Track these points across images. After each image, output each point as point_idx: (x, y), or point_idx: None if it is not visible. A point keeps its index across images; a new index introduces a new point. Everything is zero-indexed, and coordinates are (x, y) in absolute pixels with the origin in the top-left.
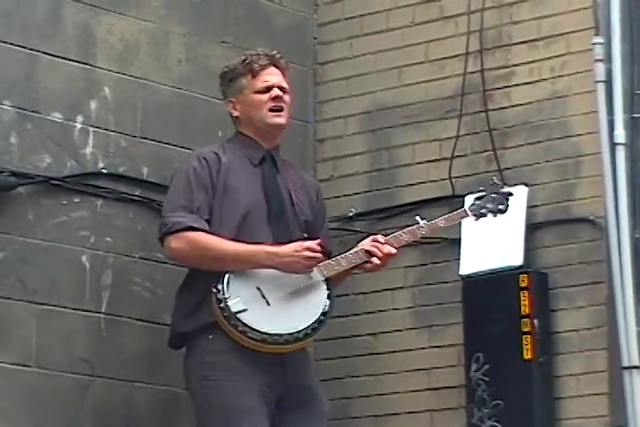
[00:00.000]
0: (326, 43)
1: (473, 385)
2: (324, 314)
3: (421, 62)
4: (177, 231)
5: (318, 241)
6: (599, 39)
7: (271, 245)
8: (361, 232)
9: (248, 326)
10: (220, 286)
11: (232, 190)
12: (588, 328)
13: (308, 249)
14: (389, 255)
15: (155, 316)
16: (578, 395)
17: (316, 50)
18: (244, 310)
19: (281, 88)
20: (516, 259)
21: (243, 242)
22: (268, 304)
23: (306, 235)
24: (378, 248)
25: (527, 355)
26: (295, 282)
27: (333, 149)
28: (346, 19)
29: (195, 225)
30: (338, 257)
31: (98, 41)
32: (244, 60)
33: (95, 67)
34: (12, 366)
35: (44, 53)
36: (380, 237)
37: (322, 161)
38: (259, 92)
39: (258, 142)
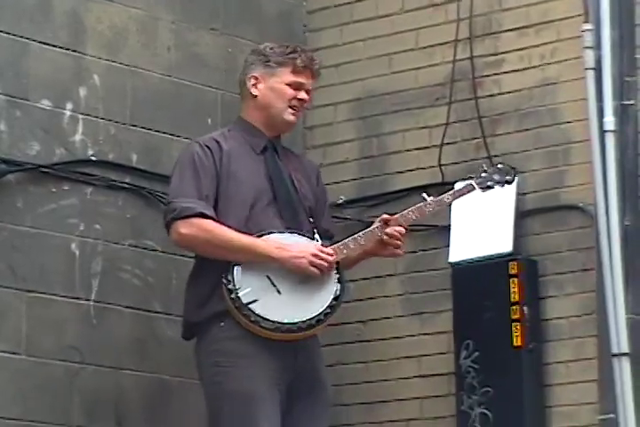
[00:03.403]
0: (316, 30)
1: (463, 372)
2: (335, 299)
3: (411, 49)
4: (187, 217)
5: (331, 250)
6: (589, 26)
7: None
8: (350, 219)
9: (260, 316)
10: (230, 277)
11: (236, 178)
12: (578, 315)
13: (319, 249)
14: (403, 236)
15: (144, 303)
16: (567, 382)
17: (305, 37)
18: (255, 301)
19: (307, 92)
20: (506, 246)
21: (252, 229)
22: (279, 293)
23: (312, 220)
24: (392, 236)
25: (517, 342)
26: None
27: (323, 136)
28: (335, 6)
29: (205, 212)
30: (346, 240)
31: (87, 28)
32: (292, 52)
33: (84, 54)
34: (2, 353)
35: (34, 41)
36: (387, 217)
37: (311, 148)
38: (289, 85)
39: (260, 130)
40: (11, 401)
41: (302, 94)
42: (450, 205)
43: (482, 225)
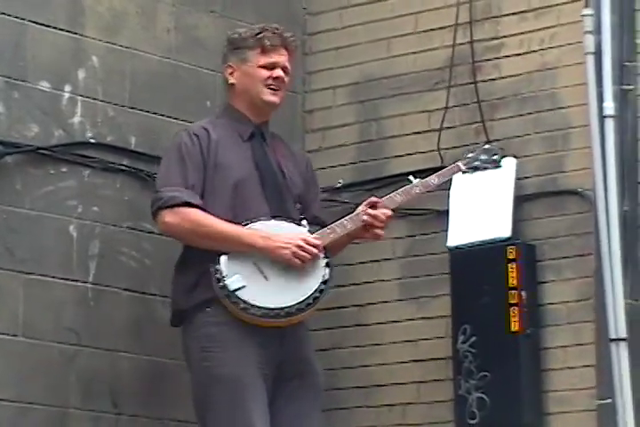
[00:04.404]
0: (315, 13)
1: (460, 357)
2: (324, 282)
3: (410, 33)
4: (172, 206)
5: (317, 241)
6: (589, 11)
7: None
8: (349, 203)
9: (248, 302)
10: (217, 265)
11: (223, 167)
12: (576, 300)
13: (304, 240)
14: (387, 219)
15: (142, 286)
16: (565, 367)
17: (305, 20)
18: (242, 287)
19: (284, 69)
20: (504, 231)
21: (238, 217)
22: (267, 279)
23: (299, 206)
24: (375, 218)
25: (514, 327)
26: None
27: (322, 119)
28: None
29: (191, 201)
30: (333, 225)
31: (86, 10)
32: (258, 33)
33: (83, 36)
34: None
35: (33, 22)
36: (374, 200)
37: (310, 132)
38: (263, 67)
39: (247, 117)
40: (8, 383)
41: (277, 72)
42: (436, 186)
43: (480, 210)
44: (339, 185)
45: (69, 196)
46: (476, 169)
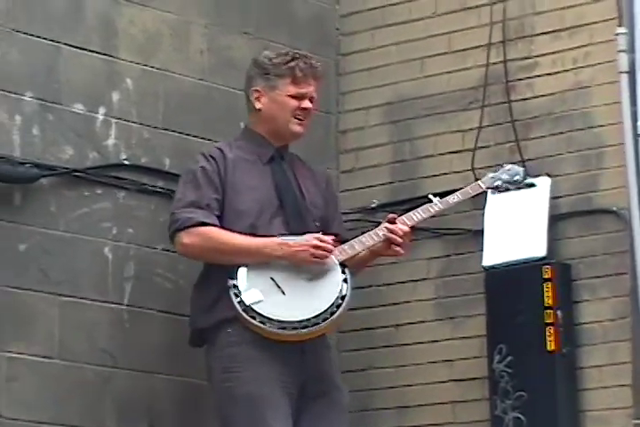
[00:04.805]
0: (348, 34)
1: (496, 377)
2: (342, 298)
3: (444, 53)
4: (188, 227)
5: (331, 237)
6: (622, 29)
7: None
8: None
9: (265, 316)
10: (234, 281)
11: (242, 188)
12: (612, 319)
13: (318, 239)
14: (405, 235)
15: (177, 307)
16: (601, 386)
17: (338, 41)
18: (259, 302)
19: (311, 99)
20: (540, 250)
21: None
22: (283, 293)
23: (318, 224)
24: (392, 232)
25: (550, 346)
26: (309, 269)
27: (356, 140)
28: (368, 9)
29: (206, 220)
30: (352, 241)
31: (119, 32)
32: (289, 61)
33: (117, 58)
34: (35, 357)
35: (66, 45)
36: (392, 216)
37: (344, 152)
38: (292, 96)
39: (268, 140)
40: (44, 405)
41: (306, 103)
42: (455, 204)
43: (515, 229)
44: (373, 205)
45: (104, 218)
46: (497, 189)
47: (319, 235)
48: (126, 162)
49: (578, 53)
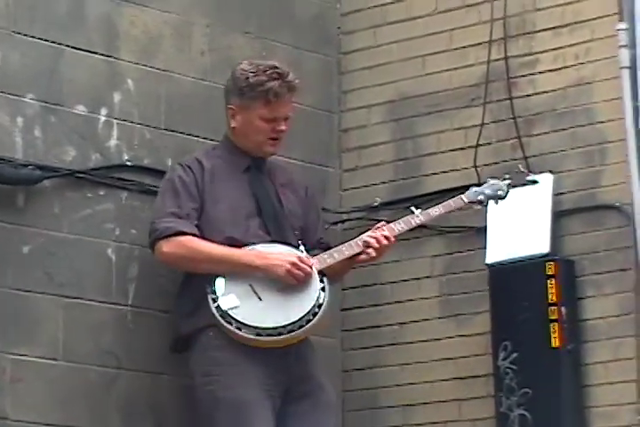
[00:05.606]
0: (350, 32)
1: (501, 374)
2: (318, 306)
3: (445, 51)
4: (168, 236)
5: (311, 260)
6: (623, 25)
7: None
8: (387, 221)
9: (240, 322)
10: (213, 286)
11: (220, 197)
12: (616, 315)
13: (299, 258)
14: (386, 246)
15: None
16: (606, 382)
17: (339, 39)
18: (235, 307)
19: (286, 118)
20: (543, 247)
21: (237, 247)
22: (260, 299)
23: (297, 233)
24: (376, 239)
25: (555, 343)
26: None
27: (358, 138)
28: (369, 8)
29: (185, 230)
30: (331, 250)
31: (121, 33)
32: (265, 82)
33: (118, 59)
34: (39, 359)
35: (67, 46)
36: (378, 226)
37: (346, 151)
38: (265, 120)
39: (244, 151)
40: (49, 407)
41: (279, 126)
42: (437, 217)
43: (518, 226)
44: (376, 204)
45: (107, 219)
46: (479, 203)
47: (302, 255)
48: (129, 163)
49: (579, 49)
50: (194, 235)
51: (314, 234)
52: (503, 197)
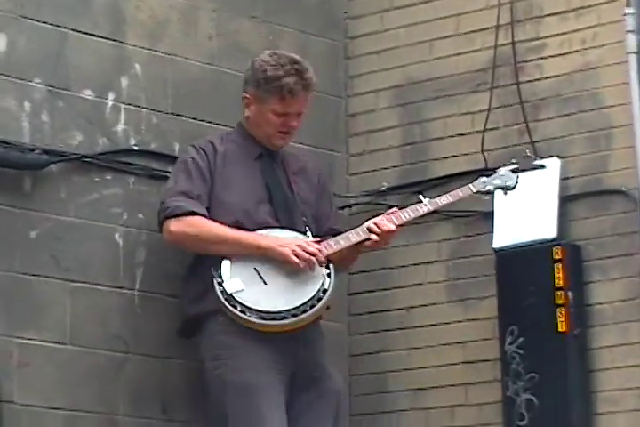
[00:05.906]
0: (356, 17)
1: (508, 358)
2: (323, 292)
3: (452, 35)
4: (178, 215)
5: (318, 245)
6: (630, 10)
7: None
8: (394, 206)
9: (244, 305)
10: (218, 270)
11: (231, 182)
12: (623, 300)
13: (306, 242)
14: (389, 233)
15: None
16: (612, 367)
17: (346, 24)
18: (240, 291)
19: (299, 114)
20: (550, 231)
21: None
22: (265, 284)
23: (305, 219)
24: (377, 225)
25: (561, 327)
26: None
27: (365, 123)
28: None
29: (195, 210)
30: (337, 237)
31: (127, 18)
32: (282, 77)
33: (125, 44)
34: (47, 343)
35: (74, 31)
36: (391, 212)
37: (354, 136)
38: (278, 114)
39: (256, 139)
40: (57, 391)
41: (291, 121)
42: (444, 206)
43: (525, 211)
44: (383, 188)
45: (114, 203)
46: (487, 193)
47: (309, 240)
48: (136, 147)
49: (586, 34)
50: (203, 216)
51: (325, 222)
52: (512, 188)
